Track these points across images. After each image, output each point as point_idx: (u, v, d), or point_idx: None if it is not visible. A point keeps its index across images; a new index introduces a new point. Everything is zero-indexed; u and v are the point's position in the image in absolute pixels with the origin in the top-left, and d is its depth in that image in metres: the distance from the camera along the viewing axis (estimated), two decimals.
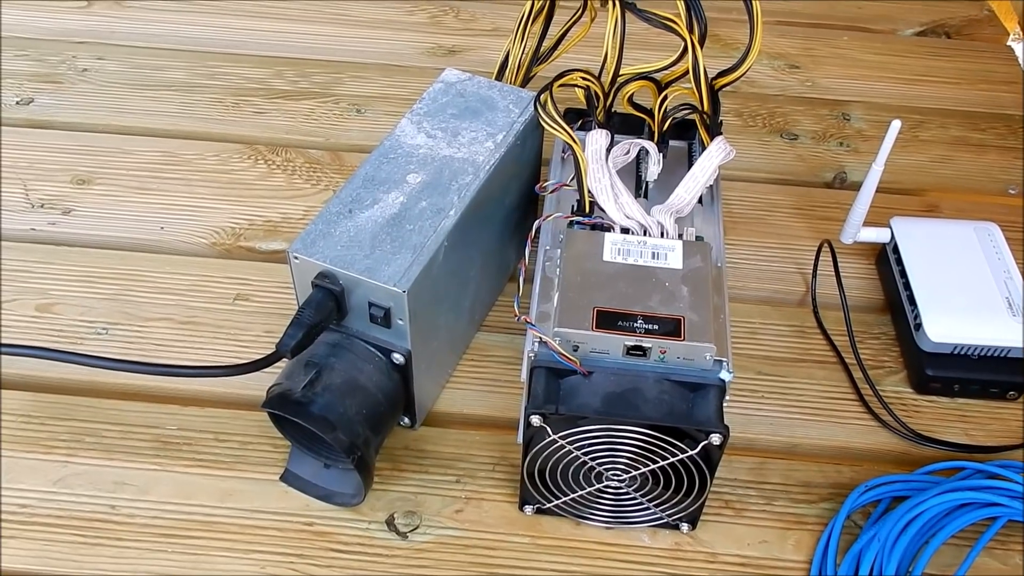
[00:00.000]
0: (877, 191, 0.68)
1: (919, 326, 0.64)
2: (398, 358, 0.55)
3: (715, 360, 0.50)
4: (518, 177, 0.65)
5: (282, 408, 0.53)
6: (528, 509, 0.57)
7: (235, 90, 0.89)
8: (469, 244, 0.60)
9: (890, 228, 0.71)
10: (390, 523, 0.57)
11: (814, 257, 0.72)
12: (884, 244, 0.72)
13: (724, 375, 0.50)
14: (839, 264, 0.70)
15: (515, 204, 0.66)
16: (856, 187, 0.69)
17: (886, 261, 0.72)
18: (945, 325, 0.64)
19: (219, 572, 0.55)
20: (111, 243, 0.74)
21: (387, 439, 0.60)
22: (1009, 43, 1.02)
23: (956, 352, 0.64)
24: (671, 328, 0.50)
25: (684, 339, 0.50)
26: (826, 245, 0.71)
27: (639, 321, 0.50)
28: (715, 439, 0.49)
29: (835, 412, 0.64)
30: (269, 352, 0.53)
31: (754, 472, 0.60)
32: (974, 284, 0.66)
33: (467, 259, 0.60)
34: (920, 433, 0.62)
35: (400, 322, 0.54)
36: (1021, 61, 0.98)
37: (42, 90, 0.88)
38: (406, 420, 0.61)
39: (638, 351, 0.50)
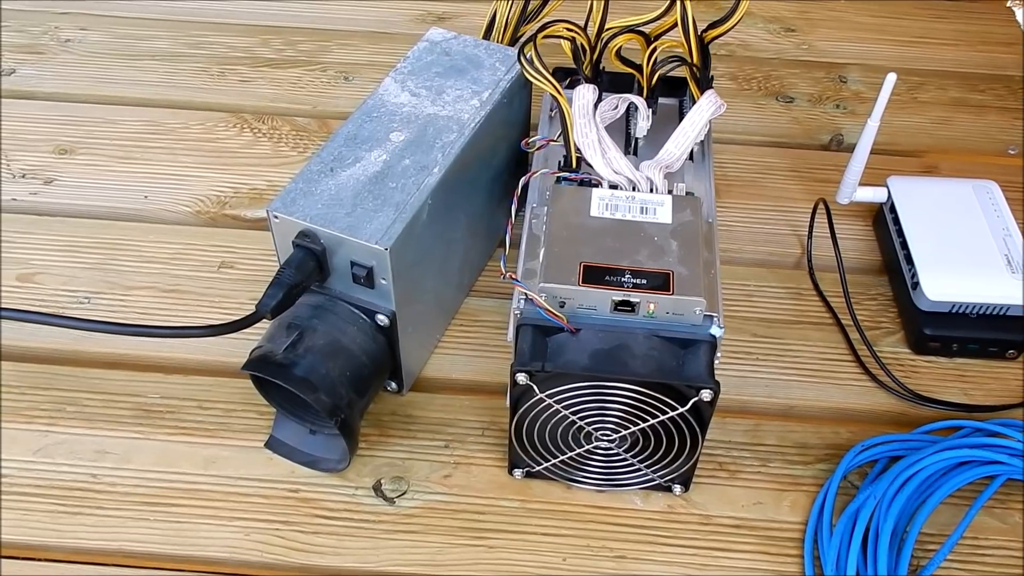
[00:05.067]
0: (876, 153, 0.66)
1: (916, 285, 0.63)
2: (382, 319, 0.54)
3: (705, 315, 0.49)
4: (506, 138, 0.64)
5: (263, 370, 0.52)
6: (517, 473, 0.56)
7: (220, 59, 0.87)
8: (455, 204, 0.58)
9: (887, 187, 0.69)
10: (377, 489, 0.56)
11: (809, 218, 0.71)
12: (881, 204, 0.70)
13: (715, 330, 0.49)
14: (836, 225, 0.69)
15: (504, 165, 0.65)
16: (853, 149, 0.67)
17: (883, 222, 0.70)
18: (943, 283, 0.62)
19: (203, 540, 0.54)
20: (94, 212, 0.72)
21: (374, 405, 0.59)
22: (1009, 4, 1.00)
23: (954, 311, 0.63)
24: (660, 282, 0.49)
25: (673, 293, 0.48)
26: (821, 205, 0.69)
27: (627, 276, 0.49)
28: (705, 395, 0.47)
29: (831, 373, 0.63)
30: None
31: (749, 434, 0.59)
32: (972, 242, 0.65)
33: (453, 219, 0.59)
34: (918, 393, 0.61)
35: (383, 282, 0.52)
36: (1021, 22, 0.96)
37: (24, 61, 0.86)
38: (393, 385, 0.59)
39: (626, 307, 0.49)
